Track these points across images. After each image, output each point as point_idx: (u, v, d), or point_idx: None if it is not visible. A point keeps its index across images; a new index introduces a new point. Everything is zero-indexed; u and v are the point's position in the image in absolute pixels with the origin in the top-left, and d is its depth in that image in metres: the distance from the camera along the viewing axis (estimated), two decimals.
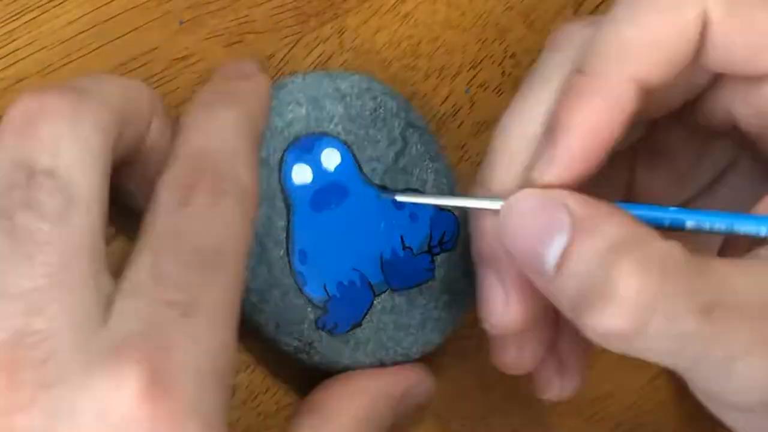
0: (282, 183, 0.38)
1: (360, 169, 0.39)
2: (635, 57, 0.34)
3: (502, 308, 0.37)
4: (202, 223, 0.31)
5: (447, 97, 0.44)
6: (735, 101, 0.36)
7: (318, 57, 0.42)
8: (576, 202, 0.33)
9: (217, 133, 0.34)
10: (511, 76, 0.45)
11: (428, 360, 0.44)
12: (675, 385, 0.46)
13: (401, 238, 0.39)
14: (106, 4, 0.39)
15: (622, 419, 0.46)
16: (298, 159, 0.38)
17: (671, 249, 0.32)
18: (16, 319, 0.29)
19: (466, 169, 0.44)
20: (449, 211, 0.40)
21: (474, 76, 0.44)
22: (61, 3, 0.39)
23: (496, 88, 0.45)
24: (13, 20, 0.38)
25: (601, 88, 0.34)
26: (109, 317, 0.30)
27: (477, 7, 0.44)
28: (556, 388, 0.40)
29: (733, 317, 0.32)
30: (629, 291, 0.31)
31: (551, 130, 0.35)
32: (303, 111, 0.38)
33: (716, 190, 0.40)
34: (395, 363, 0.40)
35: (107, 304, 0.30)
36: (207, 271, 0.31)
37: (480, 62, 0.44)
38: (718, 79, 0.36)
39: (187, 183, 0.32)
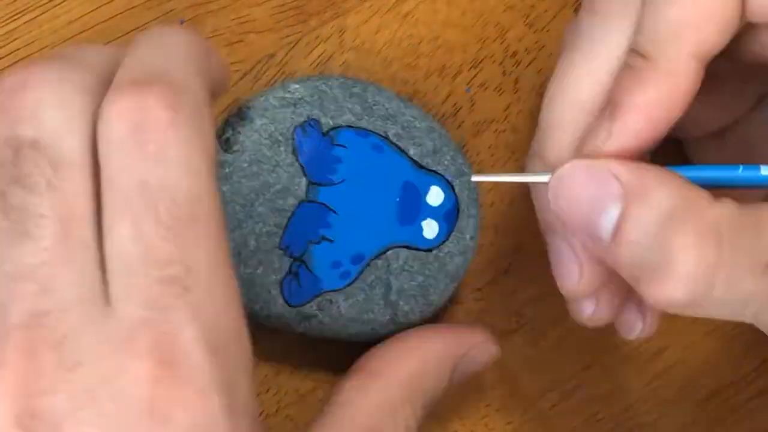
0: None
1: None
2: (688, 37, 0.34)
3: (576, 277, 0.37)
4: (166, 169, 0.29)
5: (447, 97, 0.44)
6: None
7: (318, 56, 0.42)
8: (625, 170, 0.33)
9: (165, 50, 0.32)
10: (511, 75, 0.45)
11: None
12: (675, 385, 0.46)
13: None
14: (106, 3, 0.39)
15: (622, 419, 0.46)
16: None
17: (724, 212, 0.32)
18: (27, 300, 0.28)
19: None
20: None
21: (474, 76, 0.44)
22: (62, 2, 0.39)
23: (496, 88, 0.45)
24: (14, 20, 0.38)
25: (661, 71, 0.34)
26: (110, 296, 0.29)
27: (477, 6, 0.44)
28: (638, 328, 0.39)
29: None
30: (687, 265, 0.32)
31: (612, 109, 0.35)
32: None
33: (753, 117, 0.40)
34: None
35: (103, 275, 0.29)
36: (189, 230, 0.29)
37: (480, 62, 0.44)
38: (752, 24, 0.36)
39: (139, 104, 0.30)
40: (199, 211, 0.30)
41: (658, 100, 0.34)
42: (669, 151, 0.41)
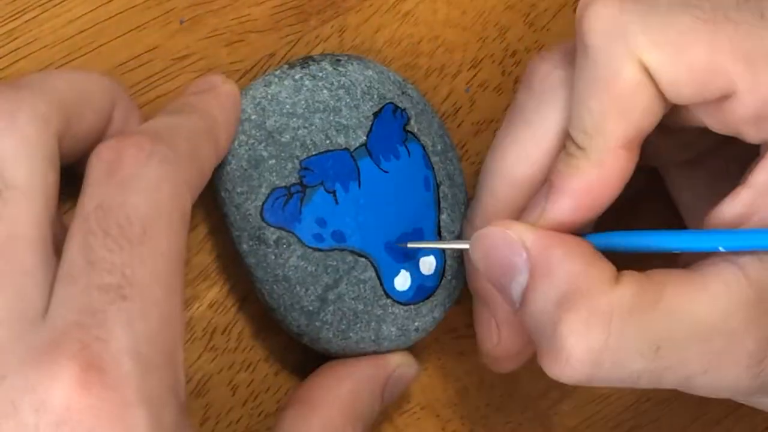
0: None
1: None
2: (613, 128, 0.35)
3: (494, 343, 0.39)
4: (127, 193, 0.31)
5: (447, 96, 0.44)
6: (700, 117, 0.36)
7: None
8: (535, 241, 0.35)
9: (166, 122, 0.35)
10: (511, 75, 0.45)
11: (428, 360, 0.44)
12: None
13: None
14: (106, 3, 0.39)
15: (622, 419, 0.46)
16: None
17: (619, 296, 0.33)
18: None
19: (466, 169, 0.43)
20: None
21: (474, 75, 0.44)
22: (62, 2, 0.39)
23: (496, 87, 0.45)
24: (14, 19, 0.38)
25: (591, 159, 0.36)
26: (48, 308, 0.30)
27: (477, 5, 0.44)
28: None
29: (683, 346, 0.33)
30: (575, 348, 0.33)
31: (548, 189, 0.36)
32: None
33: (723, 149, 0.40)
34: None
35: (50, 293, 0.30)
36: (136, 246, 0.30)
37: (480, 61, 0.44)
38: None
39: (116, 146, 0.32)
40: (152, 232, 0.31)
41: (589, 188, 0.36)
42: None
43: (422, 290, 0.40)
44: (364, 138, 0.40)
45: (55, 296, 0.30)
